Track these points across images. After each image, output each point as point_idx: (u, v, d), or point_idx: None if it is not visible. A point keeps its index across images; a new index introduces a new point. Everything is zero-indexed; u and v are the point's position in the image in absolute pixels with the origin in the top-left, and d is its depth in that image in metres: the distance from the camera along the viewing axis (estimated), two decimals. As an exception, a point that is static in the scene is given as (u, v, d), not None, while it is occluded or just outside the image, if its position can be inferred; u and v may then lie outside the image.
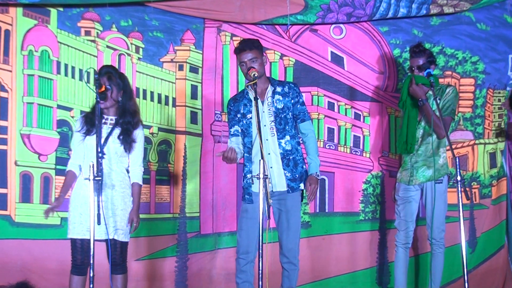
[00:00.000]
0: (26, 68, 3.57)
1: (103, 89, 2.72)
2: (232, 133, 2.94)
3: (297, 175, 2.89)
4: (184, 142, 3.74)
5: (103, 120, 2.79)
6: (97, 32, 3.67)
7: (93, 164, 2.49)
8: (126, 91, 2.81)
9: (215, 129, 3.79)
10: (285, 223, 2.85)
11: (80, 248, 2.78)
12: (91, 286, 2.64)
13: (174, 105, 3.76)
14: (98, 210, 2.56)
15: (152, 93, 3.75)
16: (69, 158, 3.56)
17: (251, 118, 2.89)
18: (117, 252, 2.79)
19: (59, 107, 3.61)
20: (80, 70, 3.63)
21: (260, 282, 2.61)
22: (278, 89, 2.90)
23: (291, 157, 2.88)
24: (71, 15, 3.63)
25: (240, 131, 2.93)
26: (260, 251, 2.59)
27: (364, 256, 3.82)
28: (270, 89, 2.90)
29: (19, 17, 3.55)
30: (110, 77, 2.76)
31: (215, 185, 3.76)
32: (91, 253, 2.61)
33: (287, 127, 2.88)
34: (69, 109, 3.62)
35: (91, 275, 2.63)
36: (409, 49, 3.26)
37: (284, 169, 2.85)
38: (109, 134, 2.78)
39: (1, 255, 3.43)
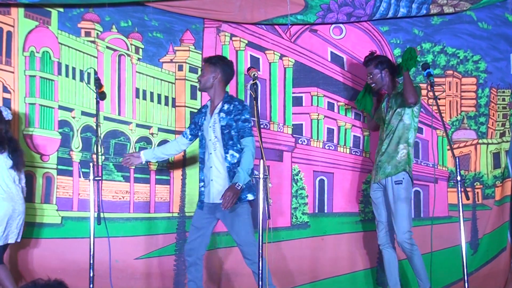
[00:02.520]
0: (28, 69, 3.61)
1: (103, 89, 2.81)
2: (183, 133, 3.27)
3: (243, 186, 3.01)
4: (184, 142, 3.75)
5: None
6: (97, 33, 3.70)
7: (93, 165, 2.55)
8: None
9: (215, 129, 3.80)
10: (236, 229, 3.01)
11: None
12: (91, 286, 2.67)
13: (173, 105, 3.78)
14: (98, 210, 2.60)
15: (152, 93, 3.77)
16: (70, 158, 3.63)
17: (203, 130, 3.13)
18: None
19: (60, 107, 3.64)
20: (81, 71, 3.66)
21: (260, 282, 2.61)
22: (225, 106, 3.09)
23: (236, 170, 3.00)
24: (71, 16, 3.66)
25: (187, 135, 3.24)
26: (260, 251, 2.61)
27: (363, 257, 3.81)
28: (219, 105, 3.10)
29: (21, 18, 3.59)
30: None
31: (215, 185, 3.77)
32: (91, 253, 2.64)
33: (232, 141, 3.04)
34: (70, 109, 3.65)
35: (91, 275, 2.66)
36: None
37: (230, 182, 2.99)
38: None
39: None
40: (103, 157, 3.59)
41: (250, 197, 3.02)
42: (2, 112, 3.27)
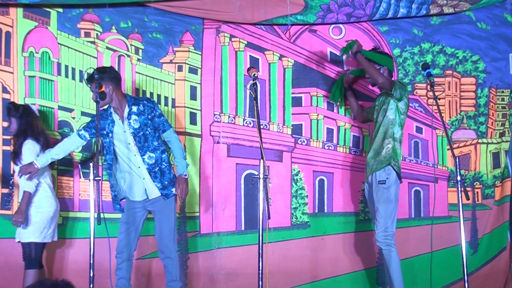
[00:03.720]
0: (27, 69, 3.61)
1: (103, 89, 2.82)
2: (80, 133, 3.24)
3: (166, 182, 3.16)
4: (184, 143, 3.75)
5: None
6: (97, 34, 3.69)
7: (93, 164, 2.56)
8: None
9: (214, 129, 3.80)
10: (159, 223, 3.17)
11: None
12: (91, 286, 2.67)
13: (173, 106, 3.78)
14: (98, 210, 2.60)
15: (151, 94, 3.77)
16: (71, 158, 3.63)
17: (112, 137, 3.15)
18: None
19: (60, 108, 3.64)
20: (80, 71, 3.66)
21: (260, 282, 2.62)
22: (134, 108, 3.12)
23: (157, 169, 3.15)
24: (70, 16, 3.66)
25: (88, 139, 3.25)
26: (260, 251, 2.61)
27: (363, 256, 3.81)
28: (126, 109, 3.13)
29: (20, 19, 3.59)
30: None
31: (215, 185, 3.77)
32: (91, 253, 2.64)
33: (147, 143, 3.14)
34: (70, 110, 3.65)
35: (91, 275, 2.66)
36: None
37: (154, 181, 3.13)
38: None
39: (3, 254, 3.48)
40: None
41: (174, 191, 3.17)
42: (32, 108, 3.39)
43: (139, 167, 3.14)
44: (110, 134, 3.15)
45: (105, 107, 3.20)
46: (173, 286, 3.18)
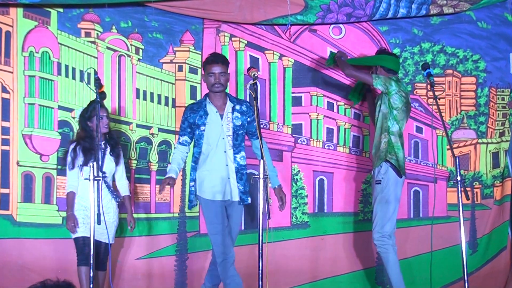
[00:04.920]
0: (27, 69, 3.60)
1: (103, 89, 2.82)
2: (181, 141, 3.19)
3: (247, 189, 3.16)
4: (184, 143, 3.75)
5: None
6: (97, 34, 3.69)
7: (93, 165, 2.57)
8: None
9: (214, 129, 3.80)
10: (231, 228, 3.16)
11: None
12: (91, 286, 2.67)
13: (173, 105, 3.77)
14: (98, 210, 2.61)
15: (152, 94, 3.77)
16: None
17: (203, 130, 3.10)
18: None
19: (60, 108, 3.64)
20: (81, 71, 3.66)
21: (260, 282, 2.62)
22: (237, 107, 3.13)
23: (244, 172, 3.13)
24: (71, 16, 3.65)
25: (189, 141, 3.18)
26: (260, 251, 2.61)
27: (363, 256, 3.82)
28: (229, 105, 3.13)
29: (20, 18, 3.59)
30: (107, 109, 3.24)
31: (215, 185, 3.77)
32: (91, 253, 2.65)
33: (243, 143, 3.14)
34: (70, 110, 3.65)
35: (92, 275, 2.66)
36: None
37: (238, 182, 3.11)
38: (103, 157, 3.12)
39: (3, 254, 3.47)
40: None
41: (249, 200, 3.18)
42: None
43: (226, 165, 3.08)
44: (202, 127, 3.09)
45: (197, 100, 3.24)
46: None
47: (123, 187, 3.33)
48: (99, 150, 2.84)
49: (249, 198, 3.15)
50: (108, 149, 3.23)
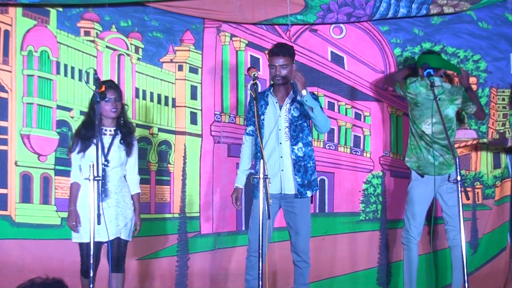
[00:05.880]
0: (25, 68, 3.58)
1: (103, 89, 2.78)
2: (247, 132, 3.11)
3: (306, 181, 3.01)
4: (184, 143, 3.74)
5: (103, 131, 2.89)
6: (97, 33, 3.67)
7: (93, 164, 2.53)
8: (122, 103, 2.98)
9: (215, 129, 3.78)
10: (294, 226, 3.02)
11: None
12: (91, 286, 2.65)
13: (173, 105, 3.76)
14: (98, 211, 2.58)
15: (151, 93, 3.75)
16: (69, 158, 3.58)
17: (263, 119, 3.01)
18: (120, 250, 2.92)
19: (59, 107, 3.61)
20: (80, 71, 3.63)
21: (260, 282, 2.61)
22: (299, 97, 2.98)
23: (302, 164, 3.00)
24: (70, 15, 3.62)
25: (255, 131, 3.01)
26: (261, 251, 2.60)
27: (364, 257, 3.82)
28: (291, 96, 3.02)
29: (19, 17, 3.56)
30: (119, 92, 2.92)
31: (215, 185, 3.76)
32: (91, 253, 2.62)
33: (301, 134, 3.01)
34: (68, 109, 3.62)
35: (91, 275, 2.64)
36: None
37: (295, 174, 2.98)
38: (111, 144, 2.90)
39: (1, 255, 3.44)
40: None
41: (309, 194, 3.02)
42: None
43: (281, 157, 2.98)
44: (262, 117, 3.01)
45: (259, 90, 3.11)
46: None
47: (133, 183, 2.99)
48: (99, 141, 2.66)
49: (309, 192, 2.99)
50: (119, 137, 2.91)
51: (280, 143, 2.99)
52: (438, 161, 3.32)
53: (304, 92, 2.89)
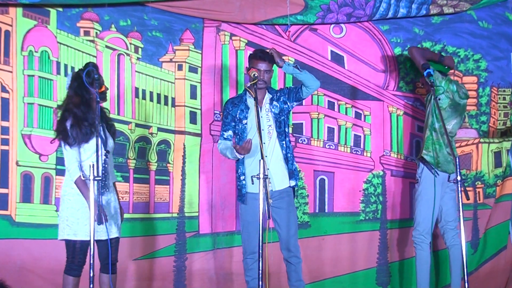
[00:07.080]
0: (26, 68, 3.59)
1: (103, 89, 2.77)
2: (225, 136, 3.11)
3: (288, 171, 3.06)
4: (183, 142, 3.74)
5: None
6: (96, 32, 3.68)
7: (93, 164, 2.52)
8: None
9: (214, 129, 3.78)
10: (287, 219, 3.02)
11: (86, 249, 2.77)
12: (91, 286, 2.65)
13: (173, 105, 3.76)
14: (98, 210, 2.58)
15: (151, 93, 3.75)
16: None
17: (246, 123, 3.05)
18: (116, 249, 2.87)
19: (59, 107, 3.62)
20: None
21: (260, 282, 2.61)
22: (275, 96, 3.09)
23: (289, 155, 3.08)
24: (70, 15, 3.64)
25: (233, 135, 3.10)
26: (260, 251, 2.60)
27: (364, 257, 3.81)
28: (267, 96, 3.08)
29: (19, 17, 3.57)
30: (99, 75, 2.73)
31: (214, 185, 3.76)
32: (91, 253, 2.62)
33: (286, 129, 3.08)
34: (69, 109, 3.63)
35: (91, 275, 2.64)
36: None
37: (285, 165, 3.04)
38: (105, 132, 2.84)
39: (1, 254, 3.45)
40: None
41: (292, 183, 3.06)
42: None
43: (266, 156, 2.96)
44: (244, 121, 3.05)
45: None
46: (299, 286, 3.11)
47: (112, 171, 2.89)
48: (98, 149, 2.61)
49: (292, 181, 3.03)
50: (104, 125, 2.82)
51: (264, 143, 3.00)
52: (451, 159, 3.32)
53: (281, 63, 3.01)
